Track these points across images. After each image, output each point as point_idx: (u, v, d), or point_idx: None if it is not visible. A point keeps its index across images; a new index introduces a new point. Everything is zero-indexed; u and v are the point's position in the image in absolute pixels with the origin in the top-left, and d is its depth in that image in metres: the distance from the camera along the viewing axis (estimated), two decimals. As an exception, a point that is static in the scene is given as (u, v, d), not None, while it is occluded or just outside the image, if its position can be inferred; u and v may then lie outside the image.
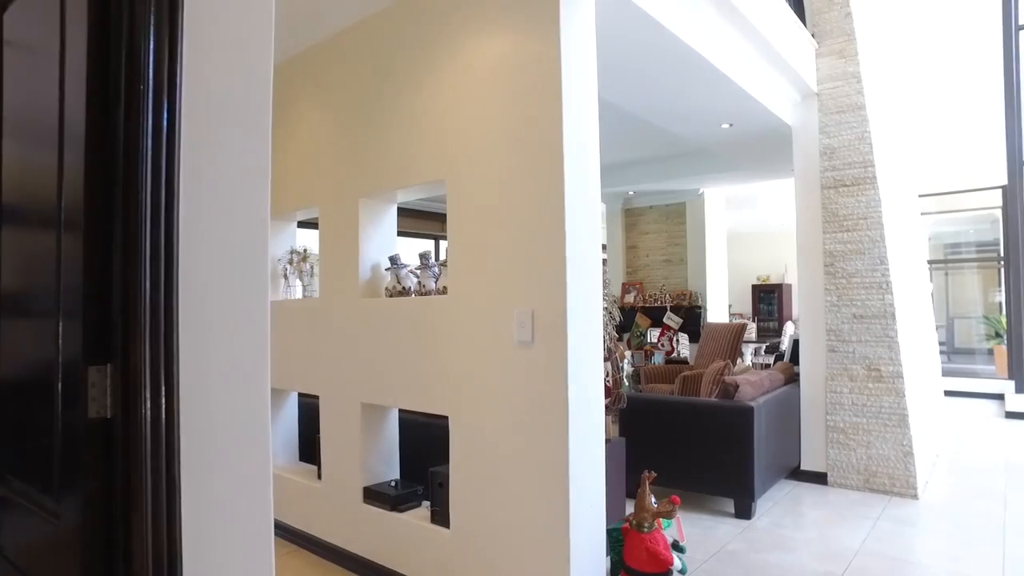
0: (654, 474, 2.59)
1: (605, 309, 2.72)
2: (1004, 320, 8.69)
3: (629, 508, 2.85)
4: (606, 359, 2.80)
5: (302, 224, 3.97)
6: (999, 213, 8.67)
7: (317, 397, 3.37)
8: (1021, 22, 7.84)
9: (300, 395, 3.85)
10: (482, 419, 2.53)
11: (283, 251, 3.79)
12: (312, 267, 3.73)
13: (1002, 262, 8.89)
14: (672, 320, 7.93)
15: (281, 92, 3.61)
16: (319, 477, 3.39)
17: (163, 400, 1.14)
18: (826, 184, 4.47)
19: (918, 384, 4.59)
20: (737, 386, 3.81)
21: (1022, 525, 3.56)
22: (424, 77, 2.82)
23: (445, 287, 2.80)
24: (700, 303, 8.91)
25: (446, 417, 2.69)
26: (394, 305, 2.98)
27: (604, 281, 2.58)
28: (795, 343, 4.99)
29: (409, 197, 3.26)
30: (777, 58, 4.03)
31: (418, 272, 3.08)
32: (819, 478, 4.38)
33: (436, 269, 3.01)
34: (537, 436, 2.32)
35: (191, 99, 1.19)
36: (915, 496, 4.01)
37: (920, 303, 5.42)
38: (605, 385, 2.68)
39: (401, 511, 2.94)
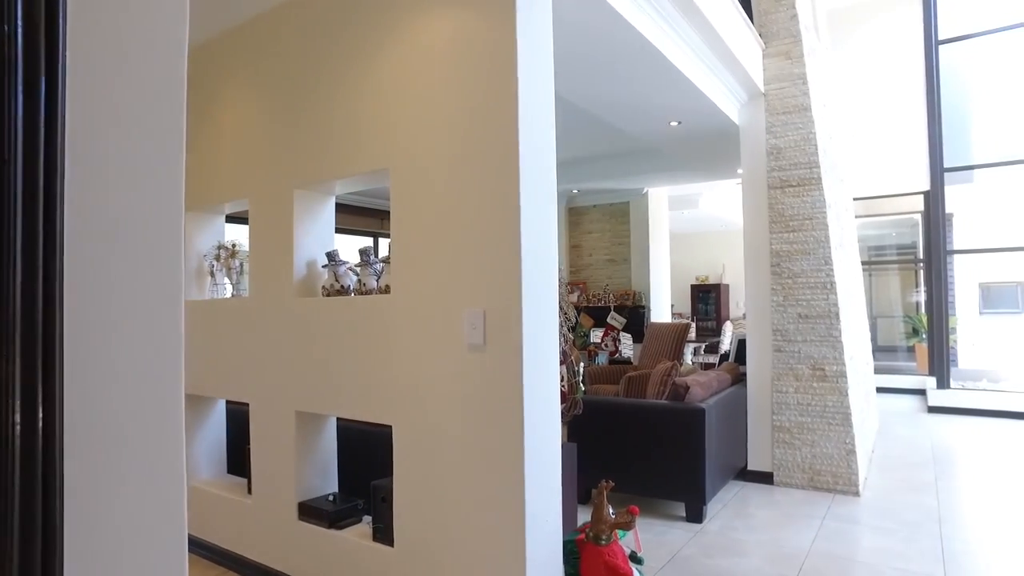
0: (611, 483, 2.47)
1: (560, 309, 2.58)
2: (924, 319, 9.15)
3: (582, 515, 2.73)
4: (561, 363, 2.67)
5: (231, 218, 3.67)
6: (919, 217, 9.12)
7: (247, 405, 3.10)
8: (941, 37, 8.32)
9: (229, 403, 3.57)
10: (429, 428, 2.35)
11: (210, 246, 3.49)
12: (242, 264, 3.44)
13: (920, 264, 9.36)
14: (616, 320, 7.91)
15: (208, 72, 3.31)
16: (249, 492, 3.12)
17: (40, 419, 0.91)
18: (772, 184, 4.50)
19: (858, 383, 4.69)
20: (688, 387, 3.76)
21: (954, 517, 3.68)
22: (368, 58, 2.61)
23: (388, 286, 2.60)
24: (644, 303, 8.97)
25: (389, 426, 2.50)
26: (332, 305, 2.76)
27: (559, 280, 2.45)
28: (740, 343, 5.02)
29: (349, 189, 3.03)
30: (727, 55, 4.01)
31: (358, 269, 2.86)
32: (765, 478, 4.40)
33: (378, 266, 2.81)
34: (489, 446, 2.16)
35: (80, 52, 0.97)
36: (857, 493, 4.08)
37: (857, 303, 5.57)
38: (560, 390, 2.54)
39: (340, 528, 2.72)
